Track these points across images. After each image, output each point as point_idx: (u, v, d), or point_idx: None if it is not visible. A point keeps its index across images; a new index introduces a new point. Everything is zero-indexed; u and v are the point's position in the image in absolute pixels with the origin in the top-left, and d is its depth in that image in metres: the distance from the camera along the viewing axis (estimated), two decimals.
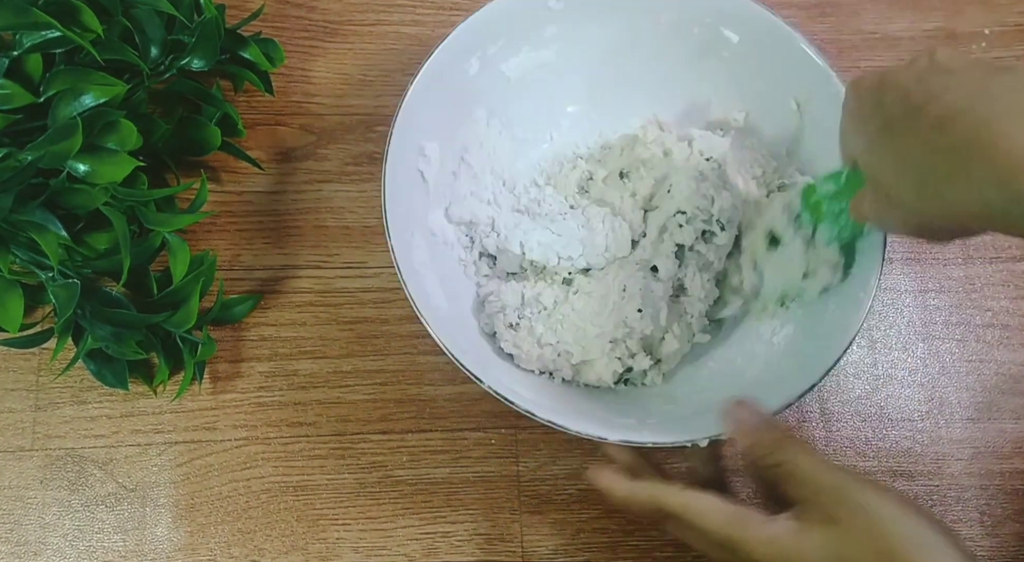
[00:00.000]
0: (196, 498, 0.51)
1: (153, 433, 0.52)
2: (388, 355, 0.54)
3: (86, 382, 0.52)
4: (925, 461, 0.53)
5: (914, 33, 0.63)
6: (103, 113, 0.46)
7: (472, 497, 0.51)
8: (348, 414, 0.52)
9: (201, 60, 0.52)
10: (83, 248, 0.48)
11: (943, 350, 0.56)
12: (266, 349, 0.53)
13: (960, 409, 0.55)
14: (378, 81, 0.59)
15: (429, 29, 0.61)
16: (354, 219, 0.56)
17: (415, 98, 0.47)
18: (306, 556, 0.50)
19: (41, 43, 0.46)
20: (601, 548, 0.51)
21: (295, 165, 0.57)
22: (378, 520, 0.51)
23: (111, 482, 0.51)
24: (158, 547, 0.50)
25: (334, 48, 0.60)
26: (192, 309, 0.49)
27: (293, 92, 0.59)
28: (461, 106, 0.51)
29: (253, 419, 0.52)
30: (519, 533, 0.51)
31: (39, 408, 0.52)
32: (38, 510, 0.50)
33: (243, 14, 0.57)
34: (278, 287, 0.55)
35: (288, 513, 0.51)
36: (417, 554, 0.50)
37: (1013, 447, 0.54)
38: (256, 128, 0.58)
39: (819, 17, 0.63)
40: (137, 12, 0.50)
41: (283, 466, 0.51)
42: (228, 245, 0.55)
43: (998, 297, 0.57)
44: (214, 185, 0.56)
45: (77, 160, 0.46)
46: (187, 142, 0.54)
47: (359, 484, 0.51)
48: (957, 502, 0.53)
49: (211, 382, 0.53)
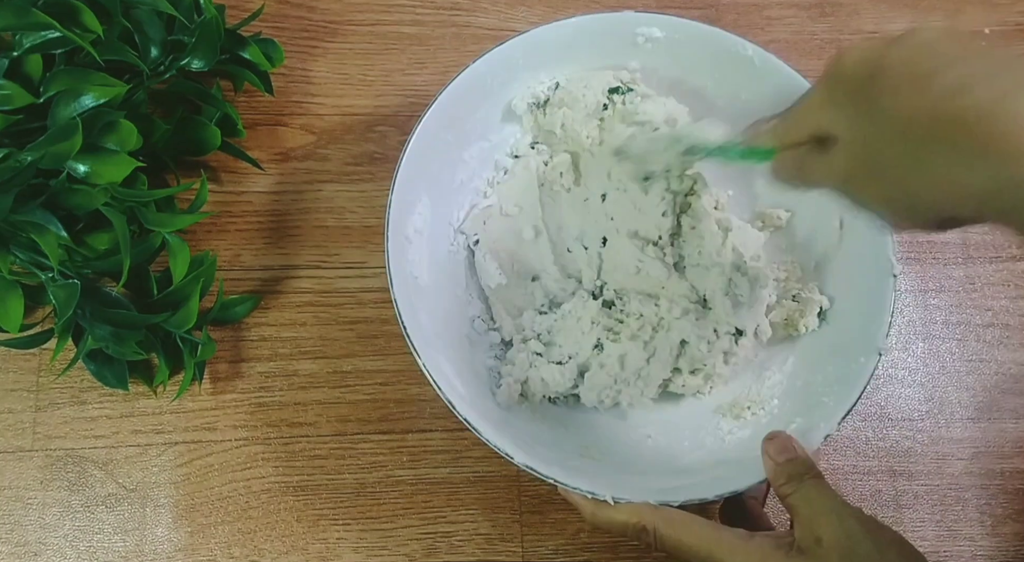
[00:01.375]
0: (196, 498, 0.51)
1: (153, 433, 0.52)
2: (388, 355, 0.54)
3: (86, 382, 0.52)
4: (925, 461, 0.53)
5: None
6: (103, 113, 0.46)
7: (472, 497, 0.51)
8: (348, 414, 0.52)
9: (201, 60, 0.52)
10: (83, 248, 0.48)
11: (943, 350, 0.56)
12: (266, 349, 0.53)
13: (960, 409, 0.55)
14: (378, 81, 0.59)
15: (429, 29, 0.61)
16: (354, 219, 0.56)
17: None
18: (306, 556, 0.50)
19: (41, 43, 0.46)
20: (601, 548, 0.51)
21: (295, 165, 0.57)
22: (378, 520, 0.51)
23: (111, 482, 0.51)
24: (158, 547, 0.50)
25: (334, 48, 0.60)
26: (192, 309, 0.49)
27: (293, 92, 0.59)
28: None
29: (253, 419, 0.52)
30: (519, 533, 0.51)
31: (39, 408, 0.52)
32: (38, 510, 0.50)
33: (243, 14, 0.57)
34: (278, 287, 0.55)
35: (288, 513, 0.51)
36: (417, 554, 0.50)
37: (1013, 447, 0.54)
38: (256, 128, 0.58)
39: (819, 17, 0.63)
40: (137, 12, 0.50)
41: (283, 466, 0.51)
42: (228, 245, 0.55)
43: (998, 297, 0.57)
44: (214, 185, 0.56)
45: (77, 160, 0.46)
46: (187, 142, 0.54)
47: (359, 484, 0.51)
48: (957, 502, 0.53)
49: (211, 382, 0.53)
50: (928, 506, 0.53)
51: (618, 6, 0.61)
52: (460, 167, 0.52)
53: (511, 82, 0.52)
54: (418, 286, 0.47)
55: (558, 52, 0.51)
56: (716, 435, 0.48)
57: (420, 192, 0.49)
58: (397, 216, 0.46)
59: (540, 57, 0.51)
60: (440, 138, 0.49)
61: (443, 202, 0.51)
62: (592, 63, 0.52)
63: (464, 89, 0.49)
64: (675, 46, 0.51)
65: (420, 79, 0.59)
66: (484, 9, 0.61)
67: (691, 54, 0.51)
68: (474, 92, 0.50)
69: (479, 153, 0.53)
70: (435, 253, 0.50)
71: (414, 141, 0.47)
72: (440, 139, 0.49)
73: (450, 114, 0.49)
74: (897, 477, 0.53)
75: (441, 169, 0.51)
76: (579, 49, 0.52)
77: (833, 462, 0.53)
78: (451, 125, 0.50)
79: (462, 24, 0.61)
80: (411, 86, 0.59)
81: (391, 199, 0.45)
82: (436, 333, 0.46)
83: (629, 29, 0.51)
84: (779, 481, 0.40)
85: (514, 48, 0.50)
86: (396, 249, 0.45)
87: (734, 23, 0.62)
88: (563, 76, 0.52)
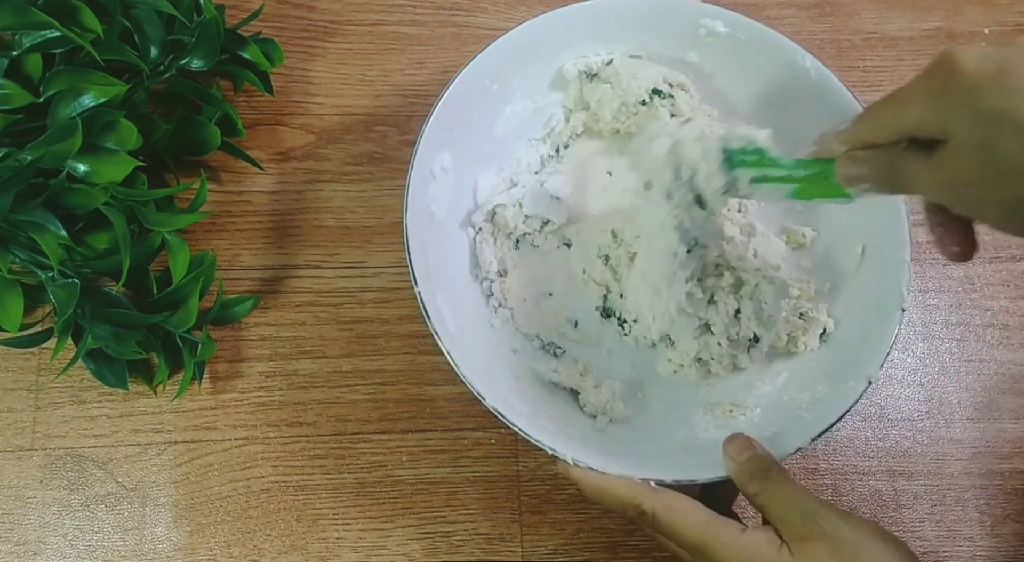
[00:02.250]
0: (196, 498, 0.51)
1: (153, 433, 0.52)
2: (388, 355, 0.54)
3: (86, 382, 0.52)
4: (925, 461, 0.53)
5: (913, 33, 0.63)
6: (103, 113, 0.46)
7: (472, 497, 0.51)
8: (348, 414, 0.52)
9: (201, 60, 0.52)
10: (83, 248, 0.48)
11: (943, 350, 0.56)
12: (266, 349, 0.53)
13: (960, 409, 0.55)
14: (378, 81, 0.59)
15: (429, 29, 0.61)
16: (354, 219, 0.56)
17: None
18: (306, 556, 0.50)
19: (41, 43, 0.46)
20: (601, 548, 0.51)
21: (295, 165, 0.57)
22: (378, 520, 0.51)
23: (111, 482, 0.51)
24: (158, 547, 0.50)
25: (334, 48, 0.60)
26: (192, 309, 0.49)
27: (293, 92, 0.59)
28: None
29: (253, 419, 0.52)
30: (519, 533, 0.51)
31: (39, 408, 0.52)
32: (38, 510, 0.50)
33: (243, 14, 0.57)
34: (278, 287, 0.55)
35: (288, 513, 0.51)
36: (417, 554, 0.50)
37: (1013, 447, 0.54)
38: (256, 128, 0.58)
39: (818, 17, 0.63)
40: (137, 12, 0.50)
41: (283, 466, 0.51)
42: (228, 245, 0.55)
43: (998, 297, 0.57)
44: (214, 185, 0.56)
45: (77, 160, 0.46)
46: (187, 142, 0.54)
47: (359, 484, 0.51)
48: (957, 502, 0.53)
49: (211, 382, 0.53)
50: (927, 506, 0.53)
51: None
52: (500, 121, 0.52)
53: (566, 48, 0.51)
54: (432, 222, 0.47)
55: (619, 26, 0.51)
56: (690, 429, 0.48)
57: (454, 132, 0.48)
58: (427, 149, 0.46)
59: (600, 28, 0.51)
60: (485, 87, 0.49)
61: (471, 153, 0.50)
62: (651, 46, 0.52)
63: (519, 44, 0.49)
64: (736, 45, 0.50)
65: (420, 79, 0.59)
66: (484, 9, 0.61)
67: (749, 56, 0.51)
68: (529, 49, 0.50)
69: (521, 112, 0.53)
70: (455, 199, 0.50)
71: (459, 81, 0.47)
72: (485, 87, 0.49)
73: (499, 65, 0.49)
74: (897, 477, 0.53)
75: (481, 117, 0.50)
76: (641, 28, 0.51)
77: (833, 462, 0.53)
78: (498, 76, 0.49)
79: (462, 24, 0.61)
80: (411, 86, 0.59)
81: (424, 132, 0.46)
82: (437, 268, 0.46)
83: (694, 18, 0.50)
84: (743, 479, 0.40)
85: (577, 13, 0.49)
86: (419, 179, 0.45)
87: None
88: (619, 54, 0.52)
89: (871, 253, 0.48)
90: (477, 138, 0.51)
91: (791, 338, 0.49)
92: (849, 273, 0.49)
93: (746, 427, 0.46)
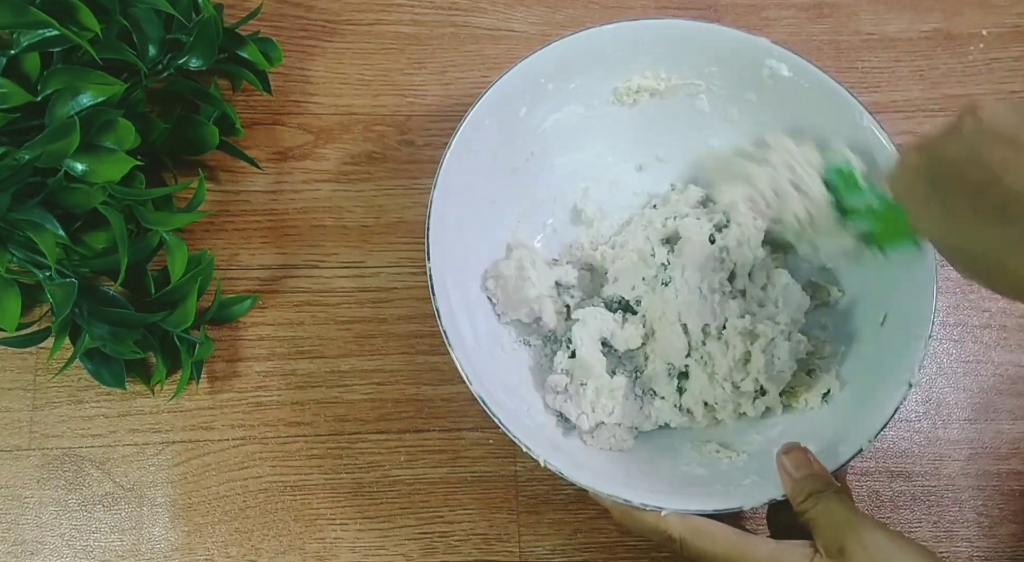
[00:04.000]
0: (193, 498, 0.51)
1: (150, 433, 0.51)
2: (386, 355, 0.53)
3: (83, 381, 0.52)
4: (922, 462, 0.54)
5: (912, 34, 0.63)
6: (101, 112, 0.46)
7: (470, 497, 0.51)
8: (346, 414, 0.52)
9: (199, 59, 0.52)
10: (81, 247, 0.48)
11: (940, 351, 0.56)
12: (264, 349, 0.53)
13: (957, 410, 0.55)
14: (376, 81, 0.59)
15: (428, 29, 0.61)
16: (352, 219, 0.56)
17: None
18: (303, 556, 0.50)
19: (39, 42, 0.46)
20: (599, 548, 0.51)
21: (293, 164, 0.57)
22: (375, 520, 0.51)
23: (108, 481, 0.51)
24: (155, 547, 0.50)
25: (332, 48, 0.60)
26: (190, 308, 0.49)
27: (291, 91, 0.59)
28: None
29: (251, 419, 0.52)
30: (517, 533, 0.51)
31: (36, 407, 0.52)
32: (35, 509, 0.50)
33: (241, 13, 0.57)
34: (276, 286, 0.55)
35: (285, 513, 0.51)
36: (415, 554, 0.50)
37: (1010, 448, 0.54)
38: (254, 127, 0.58)
39: (817, 18, 0.63)
40: (135, 11, 0.50)
41: (280, 466, 0.51)
42: (226, 244, 0.55)
43: (995, 298, 0.57)
44: (212, 184, 0.56)
45: (75, 159, 0.46)
46: (185, 141, 0.54)
47: (356, 484, 0.51)
48: (954, 503, 0.53)
49: (208, 382, 0.53)
50: (925, 507, 0.53)
51: (617, 6, 0.62)
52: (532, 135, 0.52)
53: (626, 64, 0.51)
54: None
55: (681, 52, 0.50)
56: (674, 459, 0.48)
57: (493, 128, 0.48)
58: (469, 132, 0.46)
59: (662, 51, 0.50)
60: (540, 86, 0.49)
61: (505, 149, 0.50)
62: (716, 78, 0.52)
63: (579, 49, 0.48)
64: (797, 92, 0.49)
65: (418, 79, 0.59)
66: (483, 9, 0.61)
67: (808, 104, 0.50)
68: (588, 55, 0.49)
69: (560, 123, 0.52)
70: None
71: (515, 72, 0.46)
72: (540, 86, 0.49)
73: (555, 68, 0.49)
74: (894, 478, 0.53)
75: (529, 114, 0.50)
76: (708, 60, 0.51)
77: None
78: (555, 76, 0.49)
79: (460, 24, 0.61)
80: (409, 86, 0.59)
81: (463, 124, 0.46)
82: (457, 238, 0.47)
83: (759, 57, 0.50)
84: (799, 498, 0.40)
85: (643, 30, 0.49)
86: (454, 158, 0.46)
87: (732, 24, 0.62)
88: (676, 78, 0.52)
89: (892, 322, 0.47)
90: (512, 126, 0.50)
91: (793, 393, 0.49)
92: (866, 339, 0.49)
93: (728, 470, 0.46)
